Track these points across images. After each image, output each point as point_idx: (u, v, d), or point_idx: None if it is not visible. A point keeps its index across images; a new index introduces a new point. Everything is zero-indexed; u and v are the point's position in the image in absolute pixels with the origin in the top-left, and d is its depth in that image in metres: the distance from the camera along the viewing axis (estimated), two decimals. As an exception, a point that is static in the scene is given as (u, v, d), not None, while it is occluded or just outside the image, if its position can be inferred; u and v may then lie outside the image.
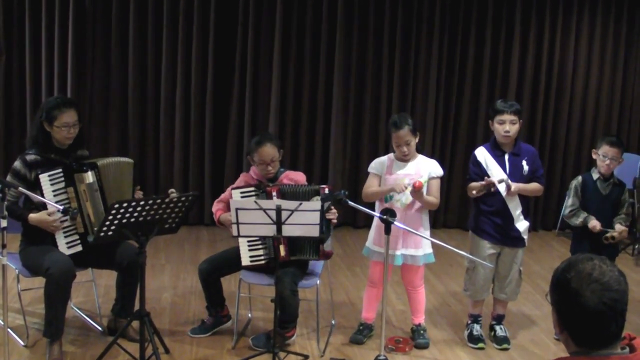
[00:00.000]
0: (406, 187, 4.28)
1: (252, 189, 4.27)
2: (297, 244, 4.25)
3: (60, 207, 3.86)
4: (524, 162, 4.48)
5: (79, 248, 4.14)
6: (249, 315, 4.84)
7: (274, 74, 6.97)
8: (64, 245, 4.10)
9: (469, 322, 4.68)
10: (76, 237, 4.13)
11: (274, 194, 4.21)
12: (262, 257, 4.29)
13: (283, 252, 4.19)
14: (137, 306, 4.04)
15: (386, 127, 6.26)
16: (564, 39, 7.38)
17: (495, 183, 4.35)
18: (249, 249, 4.28)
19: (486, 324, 4.72)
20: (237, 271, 4.43)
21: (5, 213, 3.64)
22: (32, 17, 6.70)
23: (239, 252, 4.27)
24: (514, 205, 4.46)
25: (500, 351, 4.53)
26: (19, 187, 3.92)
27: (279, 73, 6.97)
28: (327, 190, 4.25)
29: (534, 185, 4.52)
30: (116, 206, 3.65)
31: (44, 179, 4.02)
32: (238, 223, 3.82)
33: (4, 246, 3.66)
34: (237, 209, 3.78)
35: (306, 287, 4.43)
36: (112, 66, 6.86)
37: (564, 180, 7.41)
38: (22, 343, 4.28)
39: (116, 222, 3.70)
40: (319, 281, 4.44)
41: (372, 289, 4.57)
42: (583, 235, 4.62)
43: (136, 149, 6.96)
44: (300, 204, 3.76)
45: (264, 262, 4.30)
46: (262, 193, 4.23)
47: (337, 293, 5.35)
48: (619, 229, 4.53)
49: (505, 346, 4.55)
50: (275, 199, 4.15)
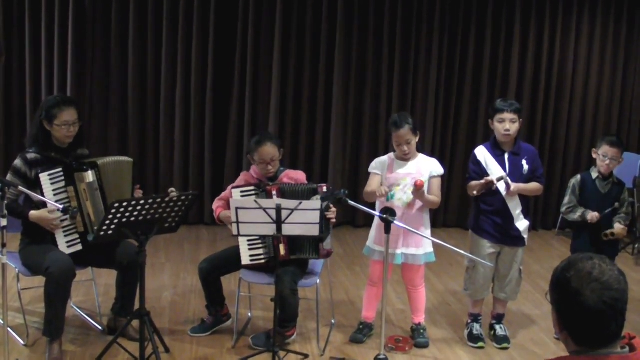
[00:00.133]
0: (387, 191, 4.30)
1: (252, 188, 4.27)
2: (297, 243, 4.25)
3: (60, 207, 3.86)
4: (523, 162, 4.48)
5: (79, 247, 4.14)
6: (249, 314, 4.84)
7: (274, 73, 6.97)
8: (64, 245, 4.10)
9: (469, 321, 4.68)
10: (76, 236, 4.13)
11: (274, 193, 4.21)
12: (262, 256, 4.29)
13: (283, 251, 4.19)
14: (137, 305, 4.04)
15: (386, 127, 6.26)
16: (564, 38, 7.38)
17: (494, 181, 4.35)
18: (249, 248, 4.28)
19: (486, 323, 4.72)
20: (237, 270, 4.43)
21: (5, 212, 3.64)
22: (32, 16, 6.69)
23: (239, 251, 4.27)
24: (514, 204, 4.46)
25: (500, 350, 4.53)
26: (19, 187, 3.92)
27: (279, 72, 6.97)
28: (325, 188, 4.25)
29: (533, 185, 4.52)
30: (116, 205, 3.65)
31: (44, 178, 4.01)
32: (238, 222, 3.82)
33: (3, 245, 3.65)
34: (237, 208, 3.78)
35: (306, 286, 4.44)
36: (112, 65, 6.86)
37: (564, 180, 7.39)
38: (22, 342, 4.28)
39: (116, 221, 3.70)
40: (319, 280, 4.44)
41: (372, 288, 4.57)
42: (583, 232, 4.63)
43: (136, 148, 6.96)
44: (300, 203, 3.76)
45: (264, 261, 4.30)
46: (262, 192, 4.23)
47: (337, 292, 5.35)
48: (619, 227, 4.54)
49: (505, 345, 4.56)
50: (275, 198, 4.14)
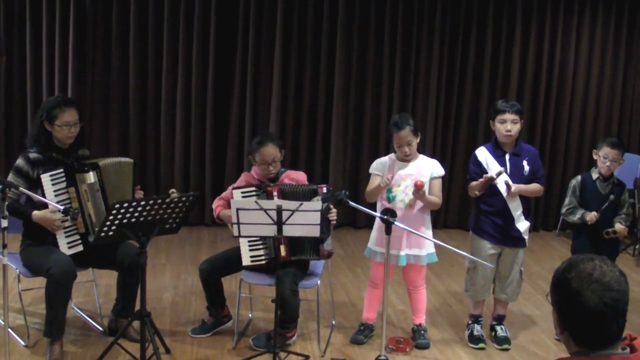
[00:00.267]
0: (389, 179, 4.27)
1: (253, 188, 4.27)
2: (298, 244, 4.25)
3: (61, 208, 3.86)
4: (524, 163, 4.48)
5: (80, 248, 4.14)
6: (250, 315, 4.84)
7: (274, 73, 6.97)
8: (64, 245, 4.10)
9: (470, 322, 4.68)
10: (77, 237, 4.13)
11: (275, 193, 4.21)
12: (263, 257, 4.29)
13: (284, 252, 4.19)
14: (137, 306, 4.04)
15: (387, 128, 6.26)
16: (564, 39, 7.38)
17: (494, 176, 4.33)
18: (250, 249, 4.28)
19: (487, 324, 4.72)
20: (238, 271, 4.43)
21: (5, 213, 3.64)
22: (33, 17, 6.69)
23: (239, 252, 4.27)
24: (514, 205, 4.46)
25: (500, 351, 4.53)
26: (19, 187, 3.92)
27: (279, 73, 6.97)
28: (325, 189, 4.25)
29: (534, 186, 4.51)
30: (117, 206, 3.65)
31: (45, 179, 4.02)
32: (239, 223, 3.81)
33: (4, 246, 3.66)
34: (237, 209, 3.78)
35: (307, 287, 4.43)
36: (113, 66, 6.86)
37: (564, 181, 7.39)
38: (23, 343, 4.28)
39: (117, 222, 3.70)
40: (319, 281, 4.44)
41: (373, 290, 4.56)
42: (582, 233, 4.63)
43: (137, 149, 6.96)
44: (301, 204, 3.76)
45: (264, 262, 4.30)
46: (263, 193, 4.23)
47: (338, 293, 5.35)
48: (619, 227, 4.54)
49: (505, 346, 4.55)
50: (276, 199, 4.14)
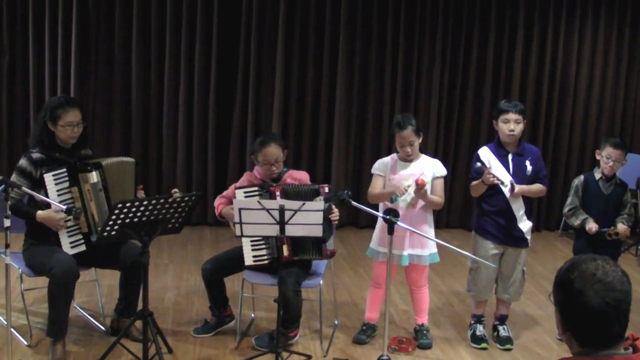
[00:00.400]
0: (406, 189, 4.28)
1: (256, 188, 4.28)
2: (300, 243, 4.25)
3: (63, 207, 3.87)
4: (527, 163, 4.48)
5: (83, 248, 4.14)
6: (252, 315, 4.84)
7: (277, 74, 6.97)
8: (67, 245, 4.10)
9: (472, 322, 4.68)
10: (80, 236, 4.13)
11: (278, 193, 4.21)
12: (266, 257, 4.30)
13: (286, 252, 4.19)
14: (140, 306, 4.04)
15: (389, 128, 6.25)
16: (567, 41, 7.37)
17: (496, 178, 4.31)
18: (252, 249, 4.28)
19: (489, 324, 4.72)
20: (240, 271, 4.43)
21: (8, 212, 3.64)
22: (36, 17, 6.70)
23: (242, 252, 4.27)
24: (517, 205, 4.45)
25: (503, 351, 4.53)
26: (22, 187, 3.93)
27: (282, 73, 6.97)
28: (327, 188, 4.25)
29: (537, 187, 4.51)
30: (119, 206, 3.65)
31: (48, 178, 4.02)
32: (241, 223, 3.82)
33: (7, 246, 3.66)
34: (240, 209, 3.78)
35: (309, 287, 4.43)
36: (115, 66, 6.86)
37: (567, 181, 7.36)
38: (26, 342, 4.29)
39: (119, 222, 3.70)
40: (322, 281, 4.44)
41: (376, 290, 4.56)
42: (583, 233, 4.63)
43: (139, 149, 6.96)
44: (304, 203, 3.76)
45: (267, 262, 4.30)
46: (265, 193, 4.23)
47: (340, 293, 5.35)
48: (622, 227, 4.53)
49: (508, 346, 4.55)
50: (278, 198, 4.15)
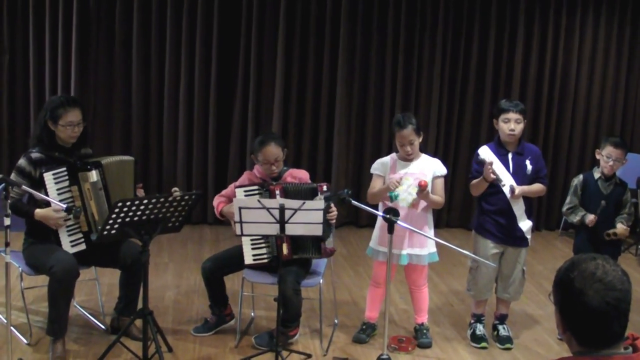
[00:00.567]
0: (398, 181, 4.27)
1: (256, 187, 4.28)
2: (300, 242, 4.25)
3: (63, 206, 3.87)
4: (527, 162, 4.48)
5: (83, 246, 4.14)
6: (252, 314, 4.84)
7: (277, 72, 6.97)
8: (67, 244, 4.10)
9: (472, 321, 4.68)
10: (80, 235, 4.13)
11: (278, 192, 4.21)
12: (265, 256, 4.30)
13: (286, 251, 4.19)
14: (140, 305, 4.04)
15: (390, 127, 6.25)
16: (567, 39, 7.37)
17: (496, 176, 4.31)
18: (252, 248, 4.29)
19: (489, 323, 4.72)
20: (240, 270, 4.43)
21: (8, 211, 3.64)
22: (36, 16, 6.69)
23: (242, 250, 4.28)
24: (517, 205, 4.45)
25: (503, 351, 4.53)
26: (22, 186, 3.93)
27: (282, 72, 6.97)
28: (325, 187, 4.25)
29: (537, 186, 4.51)
30: (119, 205, 3.65)
31: (48, 177, 4.02)
32: (241, 222, 3.82)
33: (7, 244, 3.66)
34: (240, 208, 3.78)
35: (309, 286, 4.44)
36: (116, 65, 6.86)
37: (567, 181, 7.36)
38: (26, 341, 4.29)
39: (119, 220, 3.70)
40: (322, 280, 4.44)
41: (376, 289, 4.56)
42: (582, 231, 4.63)
43: (139, 148, 6.96)
44: (304, 202, 3.76)
45: (267, 261, 4.30)
46: (265, 192, 4.23)
47: (340, 292, 5.35)
48: (621, 227, 4.53)
49: (508, 346, 4.55)
50: (278, 197, 4.15)
